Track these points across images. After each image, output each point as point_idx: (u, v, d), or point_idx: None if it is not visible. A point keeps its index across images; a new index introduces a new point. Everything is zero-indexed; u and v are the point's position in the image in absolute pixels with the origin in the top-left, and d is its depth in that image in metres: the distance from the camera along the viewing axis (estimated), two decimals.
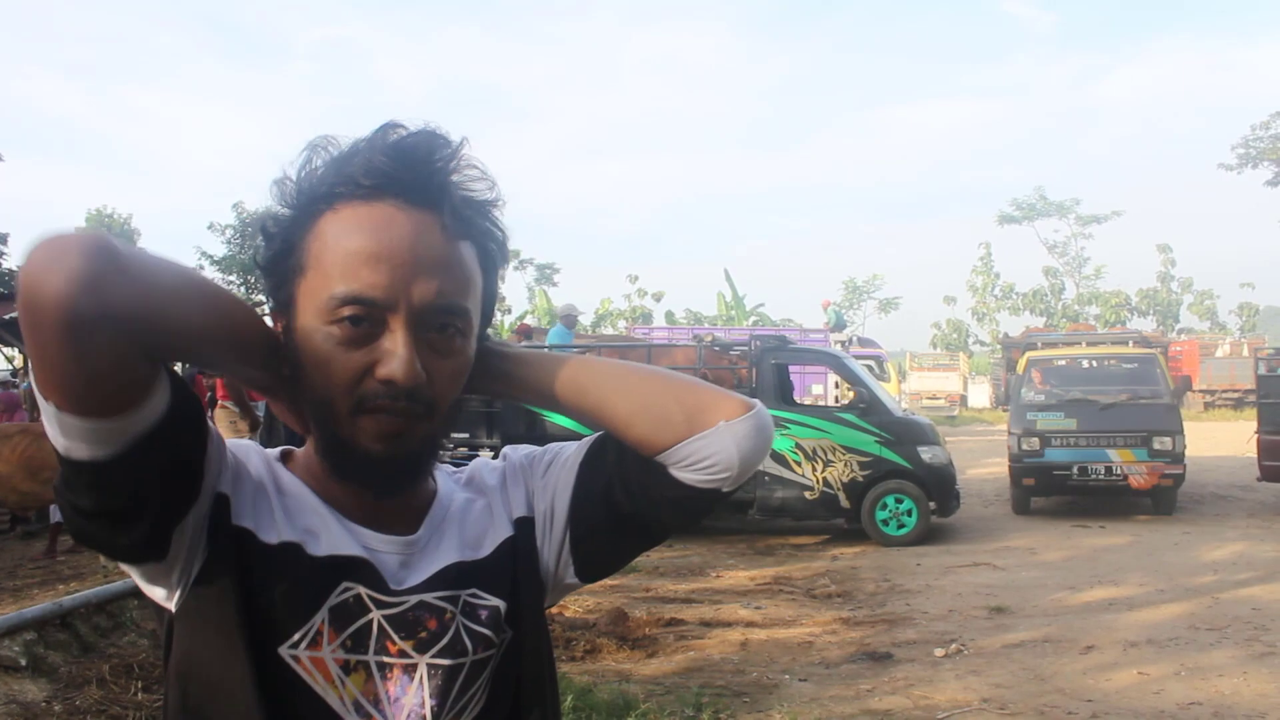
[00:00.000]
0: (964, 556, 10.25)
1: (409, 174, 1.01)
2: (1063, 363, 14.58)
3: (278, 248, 1.04)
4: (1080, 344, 15.77)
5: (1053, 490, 13.33)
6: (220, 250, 30.82)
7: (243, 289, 30.68)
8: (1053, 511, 13.66)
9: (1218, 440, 21.76)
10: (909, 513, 11.29)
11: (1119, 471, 12.69)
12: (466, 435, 15.28)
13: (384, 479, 1.04)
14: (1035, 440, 12.98)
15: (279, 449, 1.14)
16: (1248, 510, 13.15)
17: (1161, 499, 12.95)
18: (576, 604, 7.88)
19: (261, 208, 1.08)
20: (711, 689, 5.88)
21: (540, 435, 12.15)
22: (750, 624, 7.59)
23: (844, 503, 11.37)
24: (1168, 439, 12.68)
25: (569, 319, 15.64)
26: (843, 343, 24.30)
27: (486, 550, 1.15)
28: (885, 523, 11.29)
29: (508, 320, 49.26)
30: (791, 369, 13.42)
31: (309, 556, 1.03)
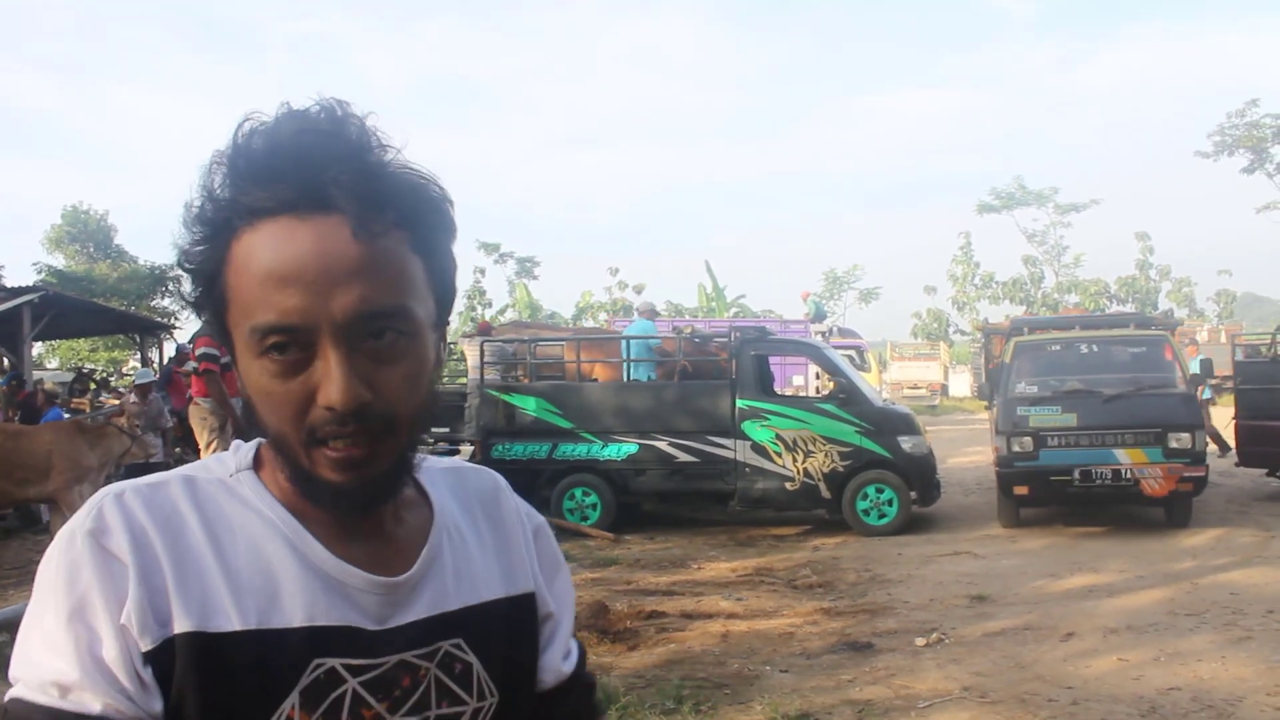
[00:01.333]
0: (945, 545, 10.28)
1: (298, 182, 0.90)
2: (1057, 348, 12.03)
3: (200, 283, 0.96)
4: (1074, 328, 13.06)
5: (1050, 499, 11.19)
6: None
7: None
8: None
9: None
10: (890, 503, 11.32)
11: (1129, 475, 10.48)
12: (446, 429, 15.28)
13: (355, 507, 0.96)
14: (1028, 440, 10.79)
15: (252, 446, 1.03)
16: (1226, 495, 13.22)
17: (1176, 509, 10.89)
18: None
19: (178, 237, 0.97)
20: (692, 681, 5.87)
21: (518, 428, 12.14)
22: (731, 615, 7.58)
23: (825, 493, 11.39)
24: (1186, 436, 10.55)
25: (649, 312, 16.38)
26: (823, 333, 24.31)
27: (483, 596, 1.08)
28: (866, 513, 11.32)
29: (488, 314, 49.19)
30: (772, 360, 13.41)
31: (273, 634, 0.93)
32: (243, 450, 1.03)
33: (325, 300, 0.89)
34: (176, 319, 28.84)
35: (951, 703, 5.48)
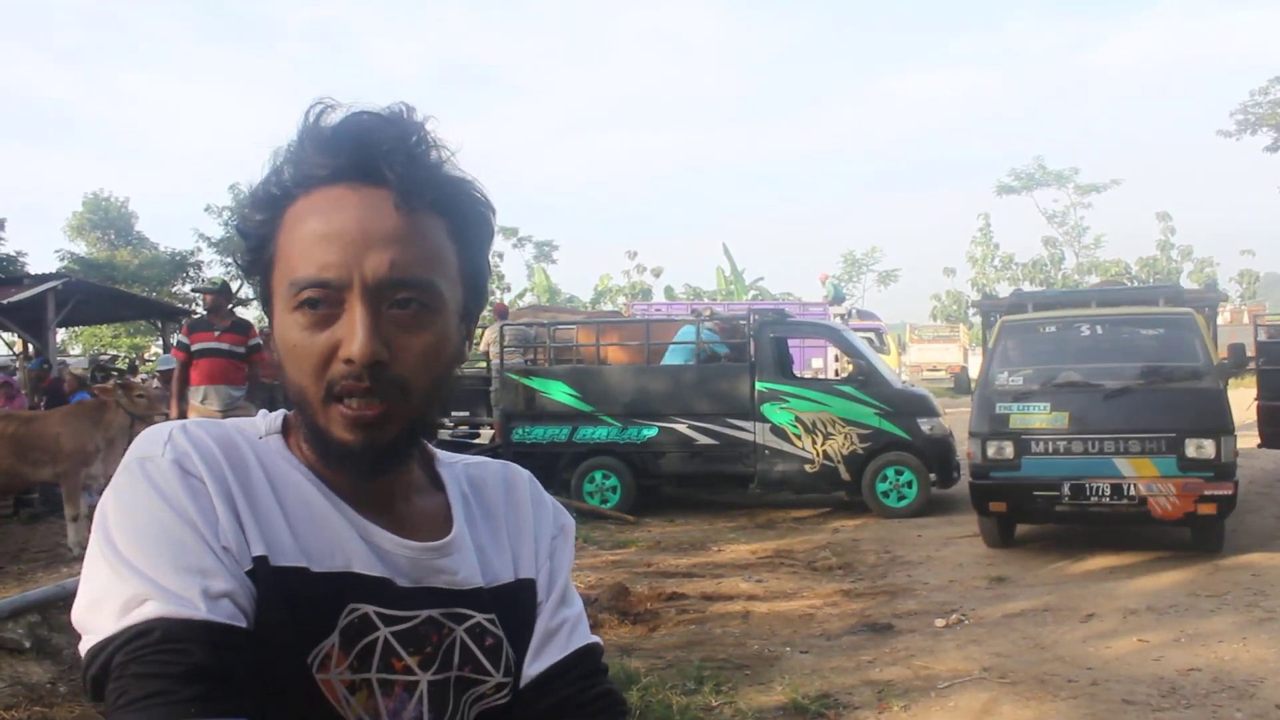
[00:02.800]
0: (965, 527, 10.26)
1: (354, 154, 0.99)
2: (1052, 330, 9.69)
3: (253, 247, 1.04)
4: (1090, 304, 10.32)
5: (1034, 517, 9.08)
6: (218, 232, 30.75)
7: (239, 268, 30.70)
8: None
9: None
10: (909, 484, 11.32)
11: (1133, 492, 8.25)
12: (466, 413, 15.32)
13: (361, 469, 1.00)
14: (1008, 445, 8.62)
15: (278, 415, 1.09)
16: (1249, 477, 13.14)
17: (1205, 532, 8.56)
18: (578, 580, 7.90)
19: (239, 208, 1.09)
20: (713, 662, 5.91)
21: (538, 411, 12.19)
22: (752, 597, 7.62)
23: (844, 475, 11.40)
24: (1208, 443, 8.17)
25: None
26: (842, 315, 24.28)
27: (502, 578, 1.13)
28: (886, 495, 11.33)
29: (507, 298, 49.22)
30: (791, 342, 13.39)
31: (314, 576, 0.99)
32: (270, 417, 1.08)
33: (360, 259, 0.97)
34: (197, 305, 29.09)
35: (972, 683, 5.50)
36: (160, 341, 24.25)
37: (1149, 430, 8.29)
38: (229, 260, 30.26)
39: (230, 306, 9.91)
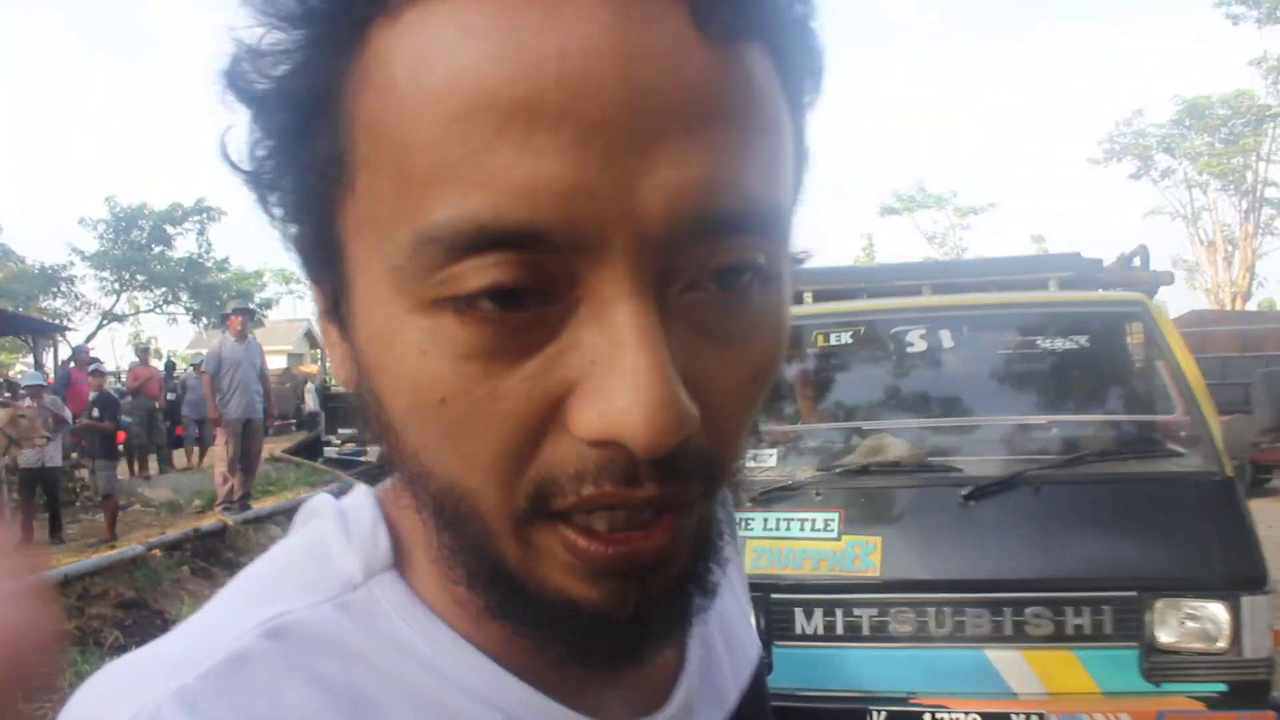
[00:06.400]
0: None
1: None
2: (851, 341, 4.01)
3: (280, 125, 0.45)
4: (922, 289, 4.64)
5: None
6: (93, 246, 29.77)
7: (117, 286, 29.73)
8: None
9: None
10: None
11: None
12: (353, 430, 15.11)
13: (619, 654, 0.46)
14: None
15: (373, 510, 0.53)
16: None
17: None
18: None
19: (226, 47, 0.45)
20: None
21: None
22: None
23: None
24: (1212, 608, 2.93)
25: None
26: None
27: (749, 666, 0.67)
28: None
29: None
30: None
31: None
32: (365, 518, 0.52)
33: (627, 174, 0.38)
34: (69, 320, 28.05)
35: None
36: (30, 358, 23.34)
37: (1073, 580, 3.05)
38: (105, 275, 29.31)
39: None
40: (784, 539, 3.28)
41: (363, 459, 14.83)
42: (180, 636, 0.48)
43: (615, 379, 0.38)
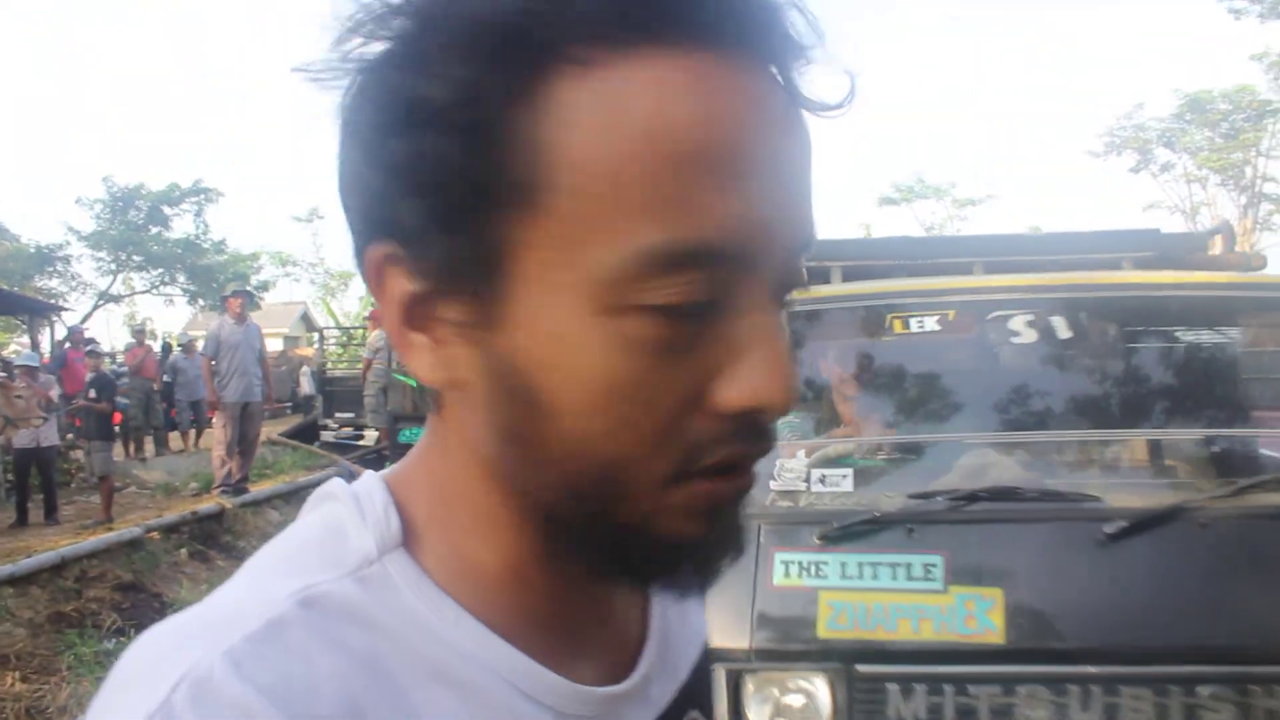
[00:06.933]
0: None
1: None
2: (933, 325, 2.91)
3: (440, 145, 0.50)
4: (973, 268, 4.05)
5: None
6: (89, 226, 29.66)
7: (114, 266, 29.65)
8: None
9: None
10: None
11: None
12: (351, 415, 15.07)
13: (704, 574, 0.58)
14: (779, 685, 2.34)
15: (383, 493, 0.60)
16: None
17: None
18: None
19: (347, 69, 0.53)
20: None
21: (425, 413, 12.04)
22: None
23: None
24: None
25: None
26: None
27: (698, 642, 0.75)
28: None
29: None
30: None
31: None
32: (377, 502, 0.59)
33: (779, 210, 0.52)
34: (65, 300, 27.96)
35: None
36: (26, 337, 23.27)
37: (1261, 649, 2.19)
38: (102, 255, 29.23)
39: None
40: (870, 591, 2.40)
41: (359, 443, 14.85)
42: (218, 603, 0.54)
43: (761, 363, 0.52)
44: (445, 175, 0.50)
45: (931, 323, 2.99)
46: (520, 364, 0.52)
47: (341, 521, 0.58)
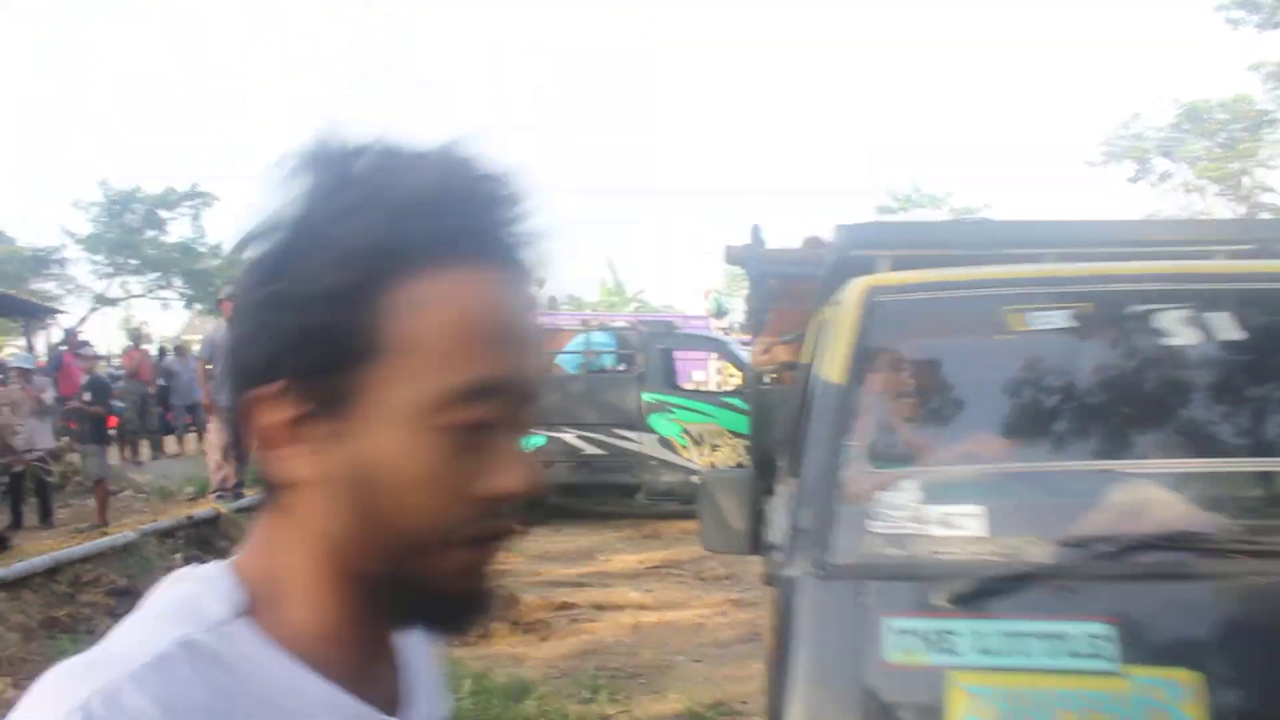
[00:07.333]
0: None
1: (500, 230, 0.78)
2: (1064, 322, 2.38)
3: (325, 321, 0.73)
4: (1044, 258, 2.86)
5: None
6: (86, 229, 29.55)
7: (110, 269, 29.55)
8: None
9: None
10: None
11: None
12: None
13: (472, 624, 0.82)
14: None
15: (226, 576, 0.78)
16: None
17: None
18: None
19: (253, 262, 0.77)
20: (607, 671, 5.89)
21: None
22: (641, 607, 7.63)
23: None
24: None
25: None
26: (724, 329, 24.53)
27: (444, 709, 0.96)
28: None
29: None
30: (674, 355, 13.46)
31: None
32: (224, 582, 0.77)
33: (529, 365, 0.79)
34: (61, 303, 27.85)
35: None
36: (22, 340, 23.18)
37: None
38: (98, 258, 29.12)
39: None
40: (1019, 673, 1.81)
41: None
42: (114, 644, 0.71)
43: (511, 465, 0.77)
44: (327, 339, 0.72)
45: (1062, 319, 2.37)
46: (368, 464, 0.74)
47: (199, 595, 0.75)
